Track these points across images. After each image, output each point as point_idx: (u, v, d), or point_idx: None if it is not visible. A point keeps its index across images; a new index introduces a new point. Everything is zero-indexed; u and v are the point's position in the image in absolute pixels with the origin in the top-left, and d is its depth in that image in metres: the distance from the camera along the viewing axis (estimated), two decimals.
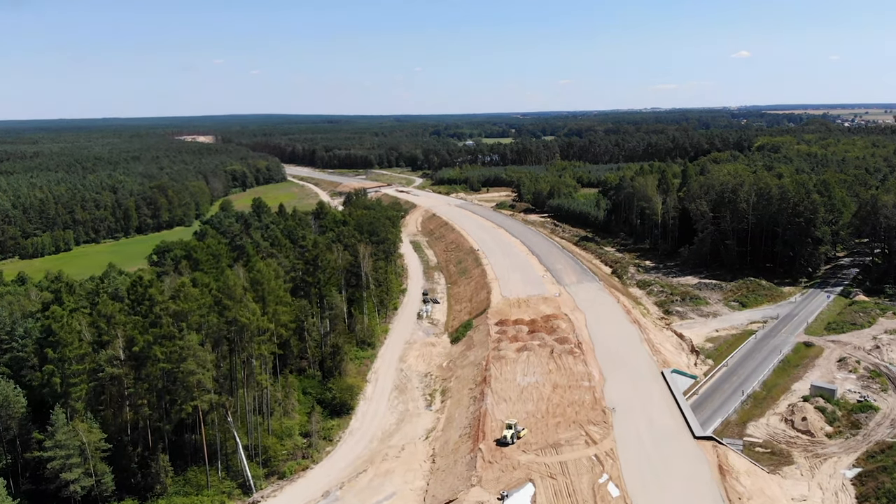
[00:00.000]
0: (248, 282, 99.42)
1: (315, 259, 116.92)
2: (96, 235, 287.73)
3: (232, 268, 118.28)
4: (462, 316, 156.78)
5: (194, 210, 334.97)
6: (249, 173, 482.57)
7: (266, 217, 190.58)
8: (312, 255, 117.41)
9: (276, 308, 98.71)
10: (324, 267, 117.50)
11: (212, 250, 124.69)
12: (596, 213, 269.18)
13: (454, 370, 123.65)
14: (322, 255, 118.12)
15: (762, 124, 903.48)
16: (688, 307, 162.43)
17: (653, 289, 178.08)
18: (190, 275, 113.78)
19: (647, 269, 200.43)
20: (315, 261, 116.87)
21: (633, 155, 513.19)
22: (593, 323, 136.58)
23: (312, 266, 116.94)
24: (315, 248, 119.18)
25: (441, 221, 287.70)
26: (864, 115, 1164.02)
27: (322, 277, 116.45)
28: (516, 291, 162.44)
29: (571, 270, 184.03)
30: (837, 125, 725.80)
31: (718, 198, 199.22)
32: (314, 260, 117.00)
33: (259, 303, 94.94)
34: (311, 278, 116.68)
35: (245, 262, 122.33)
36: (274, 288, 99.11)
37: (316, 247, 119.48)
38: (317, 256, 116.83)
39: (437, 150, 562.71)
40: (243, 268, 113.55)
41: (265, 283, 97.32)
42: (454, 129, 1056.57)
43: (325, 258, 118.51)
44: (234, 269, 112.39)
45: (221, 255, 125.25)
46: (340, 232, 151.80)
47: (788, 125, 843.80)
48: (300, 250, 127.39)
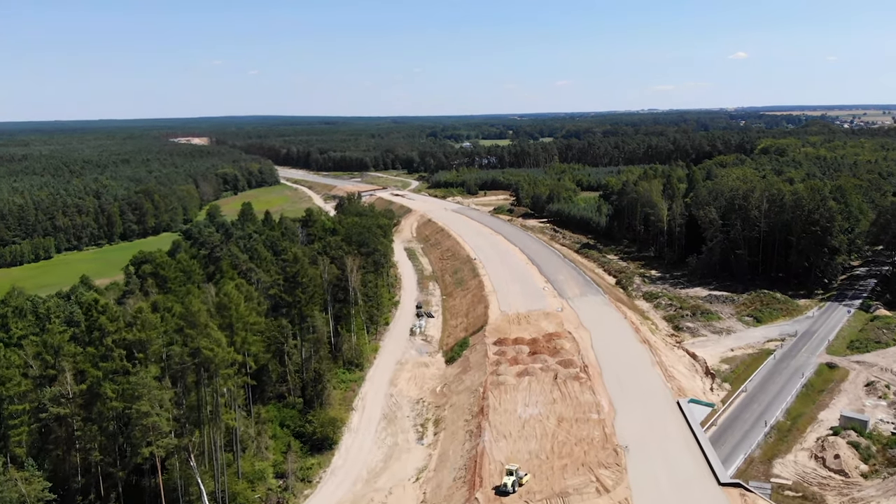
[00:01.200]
0: (215, 306, 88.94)
1: (295, 276, 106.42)
2: (78, 242, 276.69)
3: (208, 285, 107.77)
4: (458, 332, 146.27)
5: (182, 215, 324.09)
6: (241, 176, 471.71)
7: (250, 225, 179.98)
8: (292, 272, 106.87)
9: (245, 336, 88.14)
10: (305, 284, 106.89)
11: (182, 266, 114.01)
12: (597, 218, 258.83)
13: (449, 396, 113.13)
14: (303, 271, 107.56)
15: (761, 126, 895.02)
16: (699, 323, 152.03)
17: (660, 302, 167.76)
18: (159, 294, 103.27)
19: (653, 279, 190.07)
20: (295, 277, 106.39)
21: (633, 157, 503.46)
22: (600, 342, 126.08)
23: (292, 283, 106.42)
24: (295, 263, 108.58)
25: (437, 227, 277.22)
26: (862, 116, 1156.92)
27: (303, 296, 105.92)
28: (516, 305, 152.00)
29: (574, 281, 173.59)
30: (837, 126, 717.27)
31: (728, 204, 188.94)
32: (294, 277, 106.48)
33: (226, 331, 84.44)
34: (291, 297, 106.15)
35: (218, 280, 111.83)
36: (243, 314, 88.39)
37: (296, 262, 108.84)
38: (297, 273, 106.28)
39: (434, 152, 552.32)
40: (215, 287, 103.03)
41: (233, 309, 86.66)
42: (451, 130, 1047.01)
43: (306, 274, 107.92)
44: (206, 287, 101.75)
45: (193, 271, 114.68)
46: (327, 243, 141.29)
47: (788, 126, 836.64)
48: (282, 264, 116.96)
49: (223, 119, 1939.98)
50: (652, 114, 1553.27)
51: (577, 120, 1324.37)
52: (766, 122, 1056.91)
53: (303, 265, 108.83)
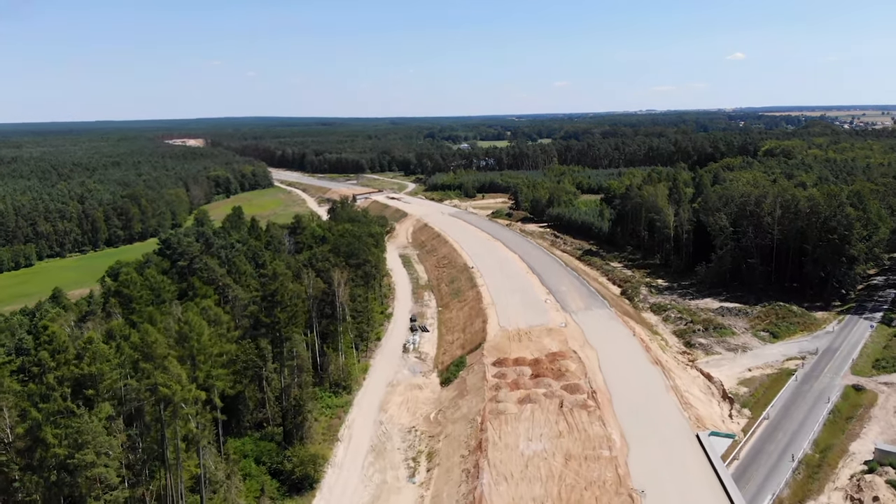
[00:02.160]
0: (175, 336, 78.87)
1: (273, 294, 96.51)
2: (61, 249, 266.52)
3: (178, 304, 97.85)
4: (454, 350, 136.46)
5: (170, 220, 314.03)
6: (234, 179, 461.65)
7: (234, 233, 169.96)
8: (271, 289, 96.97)
9: (209, 370, 78.25)
10: (285, 303, 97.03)
11: (150, 283, 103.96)
12: (600, 224, 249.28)
13: (444, 425, 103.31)
14: (283, 289, 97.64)
15: (761, 126, 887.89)
16: (712, 338, 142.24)
17: (669, 315, 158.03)
18: (124, 315, 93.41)
19: (661, 289, 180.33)
20: (273, 296, 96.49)
21: (634, 159, 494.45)
22: (608, 363, 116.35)
23: (270, 302, 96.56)
24: (274, 279, 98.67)
25: (433, 232, 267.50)
26: (861, 116, 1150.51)
27: (283, 316, 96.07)
28: (516, 320, 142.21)
29: (577, 293, 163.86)
30: (838, 127, 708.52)
31: (740, 210, 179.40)
32: (272, 295, 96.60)
33: (188, 363, 74.70)
34: (269, 318, 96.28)
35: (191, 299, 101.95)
36: (206, 344, 78.53)
37: (275, 278, 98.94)
38: (276, 291, 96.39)
39: (431, 153, 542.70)
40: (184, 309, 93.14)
41: (193, 339, 76.72)
42: (449, 131, 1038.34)
43: (286, 292, 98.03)
44: (174, 308, 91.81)
45: (162, 289, 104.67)
46: (313, 254, 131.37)
47: (788, 127, 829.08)
48: (261, 280, 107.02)
49: (220, 120, 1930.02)
50: (650, 114, 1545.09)
51: (575, 121, 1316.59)
52: (765, 122, 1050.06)
53: (282, 282, 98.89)
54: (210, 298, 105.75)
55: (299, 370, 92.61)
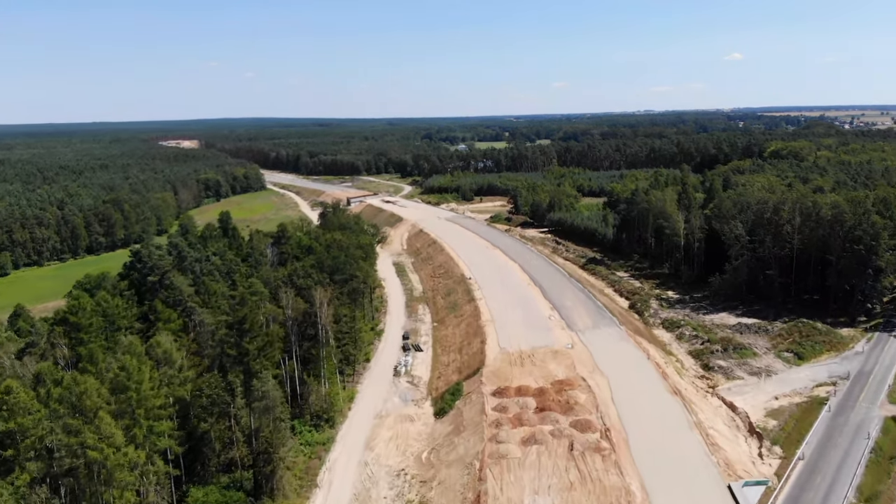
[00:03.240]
0: (110, 386, 66.20)
1: (241, 322, 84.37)
2: (39, 257, 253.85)
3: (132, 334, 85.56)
4: (450, 374, 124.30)
5: (155, 226, 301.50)
6: (225, 182, 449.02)
7: (213, 244, 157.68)
8: (238, 316, 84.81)
9: (150, 426, 66.03)
10: (254, 332, 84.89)
11: (103, 310, 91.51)
12: (603, 230, 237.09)
13: (437, 468, 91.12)
14: (252, 315, 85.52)
15: (761, 126, 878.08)
16: (732, 360, 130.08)
17: (683, 332, 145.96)
18: (68, 347, 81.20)
19: (672, 302, 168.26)
20: (241, 324, 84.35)
21: (636, 161, 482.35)
22: (621, 394, 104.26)
23: (237, 332, 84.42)
24: (242, 305, 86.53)
25: (429, 239, 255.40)
26: (861, 116, 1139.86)
27: (251, 347, 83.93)
28: (517, 340, 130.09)
29: (584, 308, 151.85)
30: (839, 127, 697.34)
31: (756, 218, 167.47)
32: (240, 323, 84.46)
33: (125, 418, 62.66)
34: (234, 350, 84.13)
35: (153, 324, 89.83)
36: (147, 395, 66.30)
37: (243, 304, 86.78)
38: (244, 318, 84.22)
39: (428, 155, 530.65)
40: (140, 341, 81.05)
41: (132, 390, 64.53)
42: (447, 132, 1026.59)
43: (255, 319, 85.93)
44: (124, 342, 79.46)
45: (117, 315, 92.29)
46: (293, 270, 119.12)
47: (788, 128, 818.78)
48: (229, 303, 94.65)
49: (217, 121, 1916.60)
50: (648, 115, 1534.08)
51: (573, 121, 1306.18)
52: (765, 123, 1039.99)
53: (252, 307, 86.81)
54: (173, 323, 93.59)
55: (268, 412, 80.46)
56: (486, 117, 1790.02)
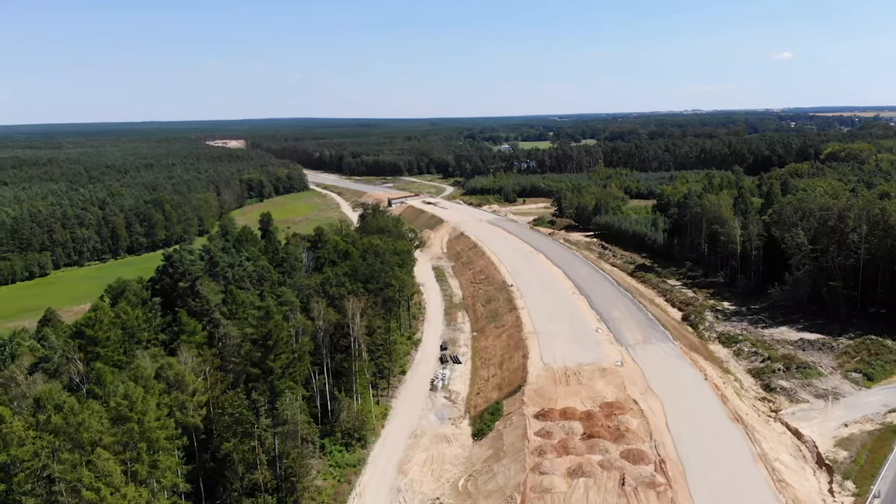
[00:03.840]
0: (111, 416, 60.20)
1: (266, 337, 78.36)
2: (79, 258, 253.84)
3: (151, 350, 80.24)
4: (489, 390, 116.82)
5: (197, 227, 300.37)
6: (268, 182, 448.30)
7: (248, 248, 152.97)
8: (262, 333, 78.82)
9: (153, 460, 60.06)
10: (279, 349, 78.80)
11: (123, 322, 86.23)
12: (653, 234, 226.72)
13: (475, 498, 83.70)
14: (277, 331, 79.42)
15: (813, 127, 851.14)
16: (795, 381, 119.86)
17: (741, 348, 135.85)
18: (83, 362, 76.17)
19: (728, 314, 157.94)
20: (265, 340, 78.36)
21: (686, 162, 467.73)
22: (677, 420, 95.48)
23: (262, 349, 78.45)
24: (267, 319, 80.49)
25: (469, 242, 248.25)
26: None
27: (276, 366, 77.86)
28: (562, 354, 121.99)
29: (633, 320, 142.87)
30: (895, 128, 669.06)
31: (820, 226, 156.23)
32: (265, 339, 78.48)
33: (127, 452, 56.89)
34: (259, 368, 78.12)
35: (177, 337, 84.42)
36: (151, 426, 60.37)
37: (268, 318, 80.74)
38: (268, 334, 78.20)
39: (470, 156, 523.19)
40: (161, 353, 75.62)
41: (133, 421, 58.56)
42: (490, 132, 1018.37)
43: (280, 335, 79.82)
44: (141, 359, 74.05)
45: (136, 329, 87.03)
46: (326, 279, 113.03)
47: (842, 128, 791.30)
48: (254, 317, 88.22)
49: (264, 122, 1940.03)
50: (697, 114, 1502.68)
51: (619, 121, 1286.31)
52: (817, 123, 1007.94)
53: (277, 322, 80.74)
54: (197, 336, 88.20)
55: (292, 436, 74.27)
56: (530, 117, 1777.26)
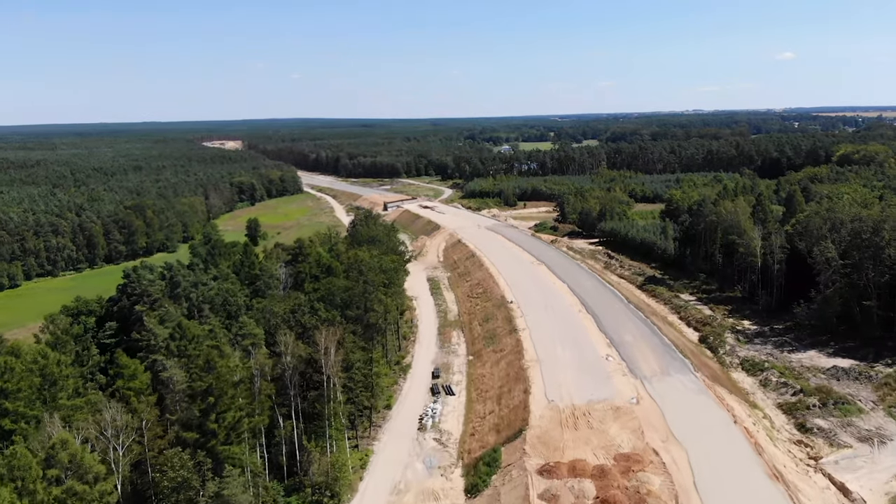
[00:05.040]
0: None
1: (206, 394, 63.54)
2: (53, 267, 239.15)
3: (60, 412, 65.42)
4: (485, 431, 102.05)
5: (181, 233, 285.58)
6: (260, 185, 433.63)
7: (223, 262, 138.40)
8: (200, 387, 63.94)
9: None
10: (223, 407, 64.11)
11: (42, 368, 71.14)
12: (663, 243, 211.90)
13: None
14: (219, 384, 64.66)
15: (817, 127, 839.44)
16: (833, 419, 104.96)
17: (769, 378, 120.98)
18: None
19: (749, 335, 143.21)
20: (205, 396, 63.61)
21: (692, 164, 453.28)
22: (705, 476, 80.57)
23: (200, 409, 63.70)
24: (207, 371, 65.42)
25: (467, 251, 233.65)
26: None
27: (218, 427, 63.16)
28: (569, 389, 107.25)
29: (648, 345, 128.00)
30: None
31: (852, 238, 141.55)
32: (204, 394, 63.74)
33: None
34: (192, 434, 63.14)
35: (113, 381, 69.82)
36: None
37: (208, 370, 65.70)
38: (209, 390, 63.32)
39: (469, 157, 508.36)
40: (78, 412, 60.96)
41: None
42: (490, 132, 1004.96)
43: (224, 390, 65.14)
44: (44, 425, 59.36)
45: (58, 376, 71.84)
46: (297, 305, 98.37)
47: (847, 129, 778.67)
48: (196, 367, 72.42)
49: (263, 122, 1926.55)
50: (698, 114, 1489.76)
51: (621, 121, 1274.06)
52: (820, 123, 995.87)
53: (219, 375, 65.99)
54: (136, 381, 73.57)
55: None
56: (531, 117, 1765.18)
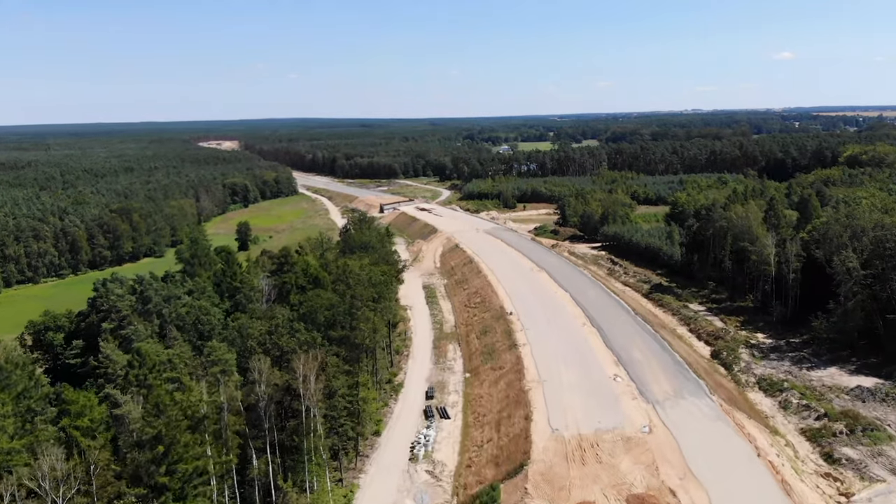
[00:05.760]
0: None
1: (155, 440, 54.41)
2: (34, 274, 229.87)
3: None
4: (483, 463, 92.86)
5: (169, 237, 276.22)
6: (253, 186, 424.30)
7: (203, 272, 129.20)
8: (150, 433, 54.75)
9: None
10: (175, 457, 55.03)
11: None
12: (669, 248, 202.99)
13: None
14: (171, 430, 55.45)
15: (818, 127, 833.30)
16: (863, 448, 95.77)
17: (789, 399, 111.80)
18: None
19: (765, 350, 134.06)
20: (154, 444, 54.48)
21: (694, 164, 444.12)
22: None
23: (149, 458, 54.62)
24: (156, 415, 56.05)
25: (465, 256, 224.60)
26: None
27: (171, 480, 54.08)
28: (574, 415, 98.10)
29: (658, 363, 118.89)
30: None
31: (875, 247, 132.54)
32: (153, 442, 54.64)
33: None
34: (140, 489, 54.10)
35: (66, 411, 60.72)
36: None
37: (157, 413, 56.44)
38: (158, 437, 54.10)
39: (468, 158, 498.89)
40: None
41: None
42: (489, 132, 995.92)
43: (177, 439, 56.00)
44: None
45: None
46: (274, 325, 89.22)
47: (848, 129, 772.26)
48: (145, 414, 62.74)
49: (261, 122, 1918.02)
50: (697, 114, 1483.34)
51: (620, 121, 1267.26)
52: (821, 123, 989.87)
53: (170, 421, 56.77)
54: (82, 419, 64.42)
55: None
56: (530, 117, 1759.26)
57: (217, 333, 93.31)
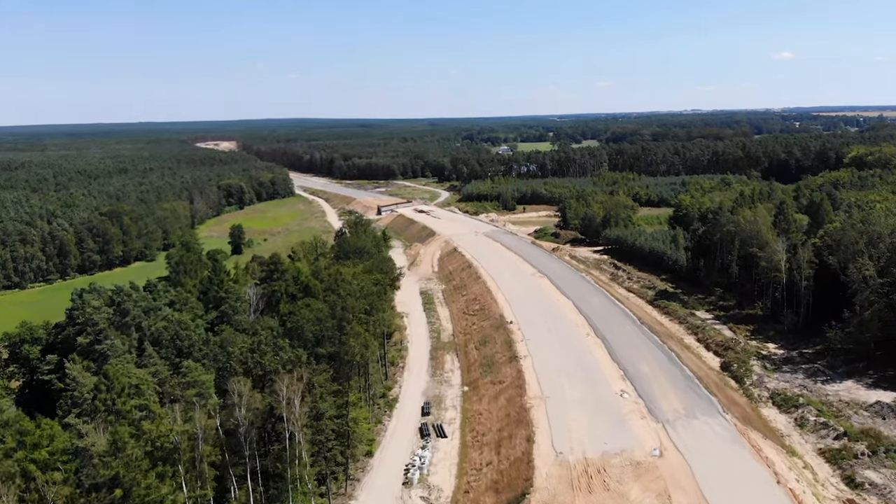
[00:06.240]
0: None
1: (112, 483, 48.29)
2: (21, 279, 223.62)
3: None
4: (481, 490, 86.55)
5: (161, 240, 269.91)
6: (249, 188, 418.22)
7: (189, 281, 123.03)
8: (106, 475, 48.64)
9: None
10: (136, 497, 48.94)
11: None
12: (674, 253, 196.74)
13: None
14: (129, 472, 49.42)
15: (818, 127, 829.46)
16: (886, 470, 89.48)
17: (805, 416, 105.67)
18: None
19: (777, 362, 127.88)
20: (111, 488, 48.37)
21: (696, 165, 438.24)
22: None
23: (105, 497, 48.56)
24: (115, 454, 49.91)
25: (463, 261, 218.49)
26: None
27: None
28: (580, 436, 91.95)
29: (667, 378, 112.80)
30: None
31: (892, 255, 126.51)
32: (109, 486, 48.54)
33: None
34: None
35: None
36: None
37: (115, 452, 50.30)
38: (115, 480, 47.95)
39: (467, 159, 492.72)
40: None
41: None
42: (488, 132, 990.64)
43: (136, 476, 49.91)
44: None
45: None
46: (256, 342, 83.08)
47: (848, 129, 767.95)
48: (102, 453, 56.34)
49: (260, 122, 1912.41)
50: (697, 114, 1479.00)
51: (620, 121, 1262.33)
52: (821, 123, 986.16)
53: (127, 460, 50.65)
54: (40, 451, 58.38)
55: None
56: (529, 117, 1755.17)
57: (197, 350, 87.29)
